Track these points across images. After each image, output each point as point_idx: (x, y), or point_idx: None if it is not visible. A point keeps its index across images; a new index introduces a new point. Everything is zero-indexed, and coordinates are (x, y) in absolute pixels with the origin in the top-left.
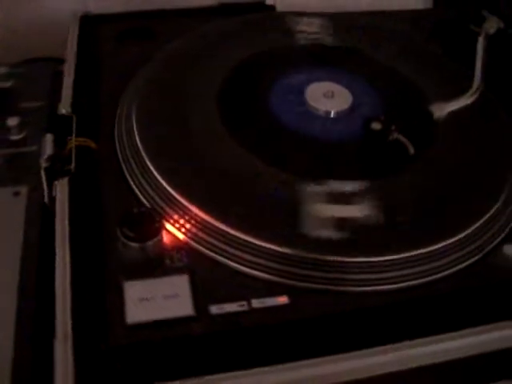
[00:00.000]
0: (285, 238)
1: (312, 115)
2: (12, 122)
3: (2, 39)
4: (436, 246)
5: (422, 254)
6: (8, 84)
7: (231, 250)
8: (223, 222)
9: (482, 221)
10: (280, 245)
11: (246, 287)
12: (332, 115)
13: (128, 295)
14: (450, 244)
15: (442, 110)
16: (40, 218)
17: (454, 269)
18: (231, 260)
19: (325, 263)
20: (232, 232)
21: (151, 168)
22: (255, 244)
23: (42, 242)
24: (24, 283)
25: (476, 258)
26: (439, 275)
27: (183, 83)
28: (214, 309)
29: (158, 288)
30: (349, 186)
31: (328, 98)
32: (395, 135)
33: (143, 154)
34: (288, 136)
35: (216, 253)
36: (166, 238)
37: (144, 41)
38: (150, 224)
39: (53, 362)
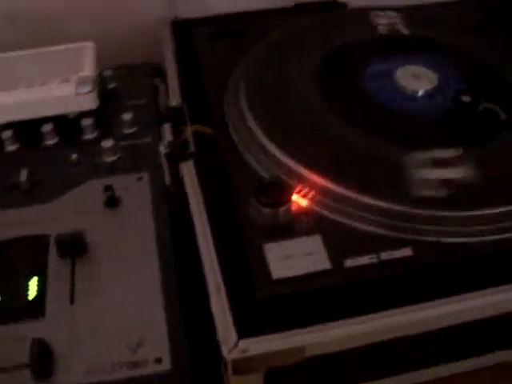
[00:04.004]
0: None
1: (402, 94)
2: (127, 116)
3: None
4: None
5: None
6: (113, 85)
7: (354, 212)
8: (345, 187)
9: None
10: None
11: (370, 243)
12: (420, 94)
13: (270, 255)
14: None
15: None
16: (165, 196)
17: None
18: (355, 220)
19: (443, 218)
20: (354, 196)
21: (267, 146)
22: (374, 204)
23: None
24: (163, 255)
25: None
26: None
27: (281, 68)
28: (349, 262)
29: (296, 247)
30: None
31: (415, 79)
32: (485, 104)
33: (258, 133)
34: (385, 113)
35: (341, 214)
36: (294, 204)
37: (236, 39)
38: (282, 192)
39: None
